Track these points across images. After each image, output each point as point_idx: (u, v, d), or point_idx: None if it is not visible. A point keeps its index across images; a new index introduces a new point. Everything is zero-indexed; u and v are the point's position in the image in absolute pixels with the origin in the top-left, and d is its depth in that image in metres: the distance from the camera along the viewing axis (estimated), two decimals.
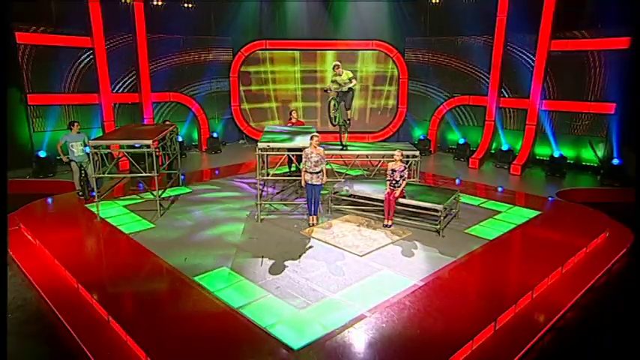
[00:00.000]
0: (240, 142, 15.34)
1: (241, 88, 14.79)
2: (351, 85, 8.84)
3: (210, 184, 10.45)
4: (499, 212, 8.44)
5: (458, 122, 13.98)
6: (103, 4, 11.38)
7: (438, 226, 7.26)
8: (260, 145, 7.71)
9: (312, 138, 7.40)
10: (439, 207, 7.22)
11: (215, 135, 14.43)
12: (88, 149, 8.42)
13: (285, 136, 8.34)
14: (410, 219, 7.72)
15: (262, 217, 7.88)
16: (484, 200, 9.19)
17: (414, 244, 6.93)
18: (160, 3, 13.01)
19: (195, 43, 13.99)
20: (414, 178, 9.08)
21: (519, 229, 7.66)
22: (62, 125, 11.37)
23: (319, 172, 7.37)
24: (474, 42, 13.18)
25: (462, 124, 13.93)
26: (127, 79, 12.63)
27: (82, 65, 11.76)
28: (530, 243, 7.28)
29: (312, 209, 7.61)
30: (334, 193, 8.45)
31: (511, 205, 8.89)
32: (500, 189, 10.28)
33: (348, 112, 9.25)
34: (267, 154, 8.95)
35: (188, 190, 9.75)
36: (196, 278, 5.75)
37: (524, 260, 6.67)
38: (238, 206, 8.67)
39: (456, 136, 13.92)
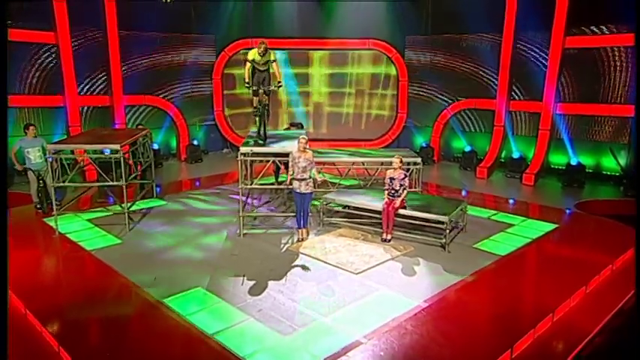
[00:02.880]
0: (225, 151, 15.17)
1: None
2: (272, 65, 7.86)
3: (189, 195, 10.39)
4: (511, 225, 8.36)
5: (463, 128, 13.96)
6: None
7: (444, 241, 7.15)
8: (242, 149, 7.60)
9: (299, 141, 7.28)
10: (444, 219, 7.10)
11: (195, 143, 14.27)
12: (50, 158, 8.17)
13: (271, 140, 8.25)
14: (411, 233, 7.62)
15: (245, 231, 7.78)
16: (494, 212, 9.13)
17: (417, 260, 6.81)
18: None
19: (174, 41, 13.91)
20: (415, 188, 8.96)
21: (535, 244, 7.57)
22: (21, 131, 11.06)
23: (308, 178, 7.23)
24: (481, 40, 13.21)
25: (468, 130, 13.89)
26: (96, 79, 12.51)
27: (44, 63, 11.58)
28: (548, 259, 7.20)
29: (301, 221, 7.49)
30: (326, 204, 8.30)
31: (525, 218, 8.81)
32: (511, 200, 10.22)
33: (266, 97, 8.21)
34: (252, 161, 8.70)
35: (162, 203, 9.65)
36: (166, 300, 5.60)
37: (542, 279, 6.55)
38: (219, 220, 8.59)
39: (461, 144, 13.88)
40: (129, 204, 8.19)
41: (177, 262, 6.71)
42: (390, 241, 7.40)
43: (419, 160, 9.13)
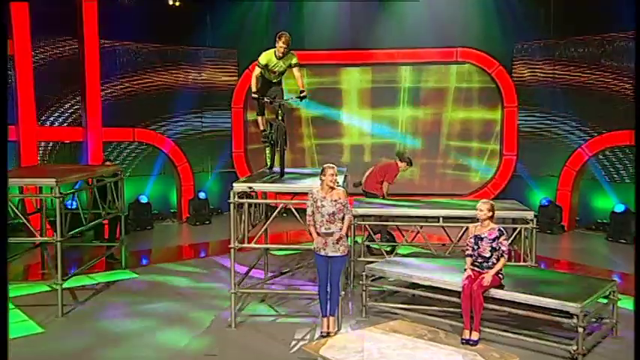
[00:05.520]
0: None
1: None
2: (292, 71, 7.90)
3: (175, 267, 10.50)
4: None
5: (612, 178, 13.08)
6: None
7: (575, 347, 6.22)
8: (236, 186, 7.36)
9: (323, 173, 6.81)
10: (575, 308, 6.15)
11: (202, 196, 14.33)
12: None
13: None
14: (515, 331, 6.82)
15: (240, 319, 7.49)
16: None
17: None
18: None
19: (179, 56, 14.39)
20: (526, 261, 8.25)
21: None
22: None
23: (338, 231, 6.69)
24: (633, 42, 12.49)
25: (619, 180, 13.02)
26: (66, 106, 12.88)
27: None
28: None
29: (327, 305, 6.87)
30: (373, 280, 7.70)
31: None
32: None
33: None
34: (265, 208, 8.81)
35: (132, 275, 9.76)
36: None
37: None
38: (205, 302, 8.51)
39: (609, 202, 12.94)
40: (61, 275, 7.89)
41: None
42: (477, 343, 6.58)
43: (530, 214, 8.34)
